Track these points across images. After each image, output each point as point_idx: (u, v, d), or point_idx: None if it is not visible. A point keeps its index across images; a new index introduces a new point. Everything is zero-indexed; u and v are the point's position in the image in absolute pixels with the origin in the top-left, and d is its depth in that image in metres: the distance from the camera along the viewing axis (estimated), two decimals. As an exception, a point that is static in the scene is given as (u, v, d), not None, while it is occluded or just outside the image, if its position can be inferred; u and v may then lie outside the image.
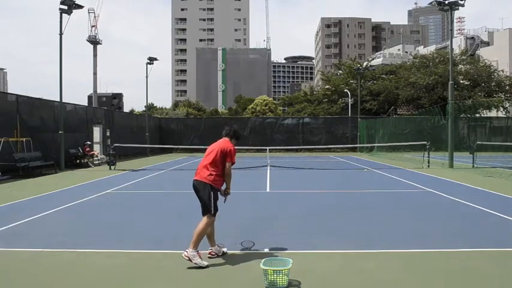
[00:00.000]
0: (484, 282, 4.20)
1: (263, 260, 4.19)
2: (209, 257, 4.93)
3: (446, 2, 17.77)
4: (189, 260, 4.59)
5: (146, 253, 5.28)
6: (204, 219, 4.85)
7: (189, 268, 4.59)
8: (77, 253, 5.25)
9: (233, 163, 5.07)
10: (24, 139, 15.91)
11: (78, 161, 19.43)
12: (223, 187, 5.13)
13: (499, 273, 4.46)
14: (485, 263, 4.81)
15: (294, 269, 4.17)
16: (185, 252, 4.65)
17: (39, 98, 18.78)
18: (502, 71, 40.80)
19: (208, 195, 4.88)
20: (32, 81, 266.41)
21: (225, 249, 5.14)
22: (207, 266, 4.61)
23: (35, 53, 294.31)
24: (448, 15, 18.79)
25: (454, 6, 17.78)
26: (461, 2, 17.61)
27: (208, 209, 4.87)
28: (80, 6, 17.92)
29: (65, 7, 17.41)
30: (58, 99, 18.10)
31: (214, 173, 4.94)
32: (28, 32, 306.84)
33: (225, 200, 5.14)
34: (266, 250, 5.26)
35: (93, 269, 4.63)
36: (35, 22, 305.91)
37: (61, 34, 17.58)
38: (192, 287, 4.17)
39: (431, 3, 18.98)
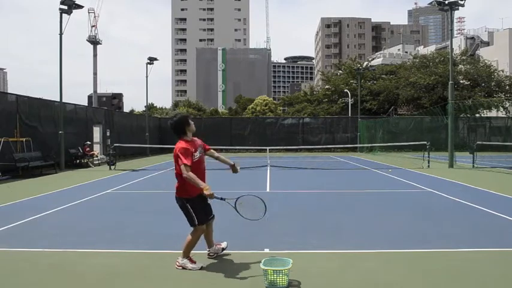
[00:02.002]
0: (484, 282, 4.20)
1: (263, 260, 4.19)
2: (208, 258, 4.92)
3: (446, 2, 17.77)
4: (183, 268, 4.56)
5: (146, 253, 5.28)
6: (193, 231, 4.65)
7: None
8: (77, 253, 5.25)
9: (185, 164, 4.39)
10: (24, 139, 15.91)
11: (78, 161, 19.45)
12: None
13: (499, 273, 4.46)
14: (485, 263, 4.81)
15: (294, 269, 4.16)
16: (177, 262, 4.62)
17: (39, 98, 18.78)
18: (502, 71, 40.74)
19: (185, 208, 4.60)
20: (32, 81, 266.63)
21: (224, 245, 5.07)
22: (201, 268, 4.59)
23: (35, 53, 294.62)
24: (448, 15, 18.79)
25: (454, 6, 17.77)
26: (461, 2, 17.61)
27: (192, 221, 4.60)
28: (80, 6, 17.94)
29: (65, 7, 17.43)
30: (58, 99, 18.12)
31: (180, 183, 4.59)
32: (28, 32, 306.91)
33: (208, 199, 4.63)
34: (266, 250, 5.26)
35: (93, 269, 4.63)
36: (35, 22, 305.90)
37: (61, 34, 17.59)
38: (192, 287, 4.17)
39: (431, 3, 18.99)
